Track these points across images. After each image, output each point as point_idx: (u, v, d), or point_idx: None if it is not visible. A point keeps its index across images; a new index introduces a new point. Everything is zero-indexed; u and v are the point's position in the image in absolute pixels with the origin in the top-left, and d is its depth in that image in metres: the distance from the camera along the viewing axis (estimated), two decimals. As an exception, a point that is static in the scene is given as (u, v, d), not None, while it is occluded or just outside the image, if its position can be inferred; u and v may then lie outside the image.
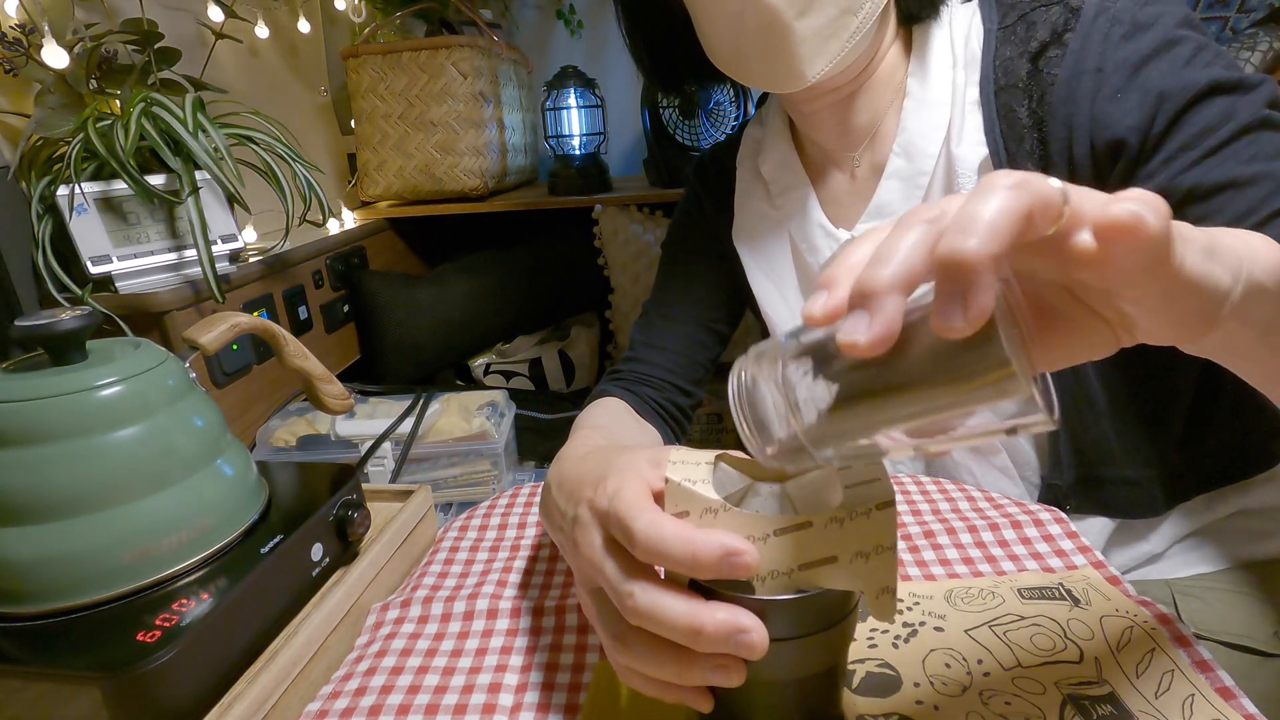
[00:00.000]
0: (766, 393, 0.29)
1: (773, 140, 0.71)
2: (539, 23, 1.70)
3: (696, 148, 1.41)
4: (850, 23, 0.55)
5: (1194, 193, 0.49)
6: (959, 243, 0.22)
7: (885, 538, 0.31)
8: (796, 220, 0.69)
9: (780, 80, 0.57)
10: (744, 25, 0.55)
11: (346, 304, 1.26)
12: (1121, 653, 0.41)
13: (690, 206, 0.80)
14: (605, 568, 0.34)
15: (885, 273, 0.24)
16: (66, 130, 0.82)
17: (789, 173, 0.70)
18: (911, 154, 0.61)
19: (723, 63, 0.61)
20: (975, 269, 0.22)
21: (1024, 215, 0.23)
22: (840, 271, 0.26)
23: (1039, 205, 0.23)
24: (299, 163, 0.96)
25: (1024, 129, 0.56)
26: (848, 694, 0.40)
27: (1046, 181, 0.24)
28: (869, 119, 0.64)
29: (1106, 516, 0.62)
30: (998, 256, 0.22)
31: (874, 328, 0.23)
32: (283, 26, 1.35)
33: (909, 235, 0.24)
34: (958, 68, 0.59)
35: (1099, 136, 0.52)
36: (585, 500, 0.37)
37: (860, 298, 0.24)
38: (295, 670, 0.44)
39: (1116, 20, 0.52)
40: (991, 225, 0.22)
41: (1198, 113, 0.49)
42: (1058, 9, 0.55)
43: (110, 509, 0.42)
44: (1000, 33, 0.58)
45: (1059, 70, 0.54)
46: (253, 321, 0.54)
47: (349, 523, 0.52)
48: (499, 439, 1.00)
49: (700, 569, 0.31)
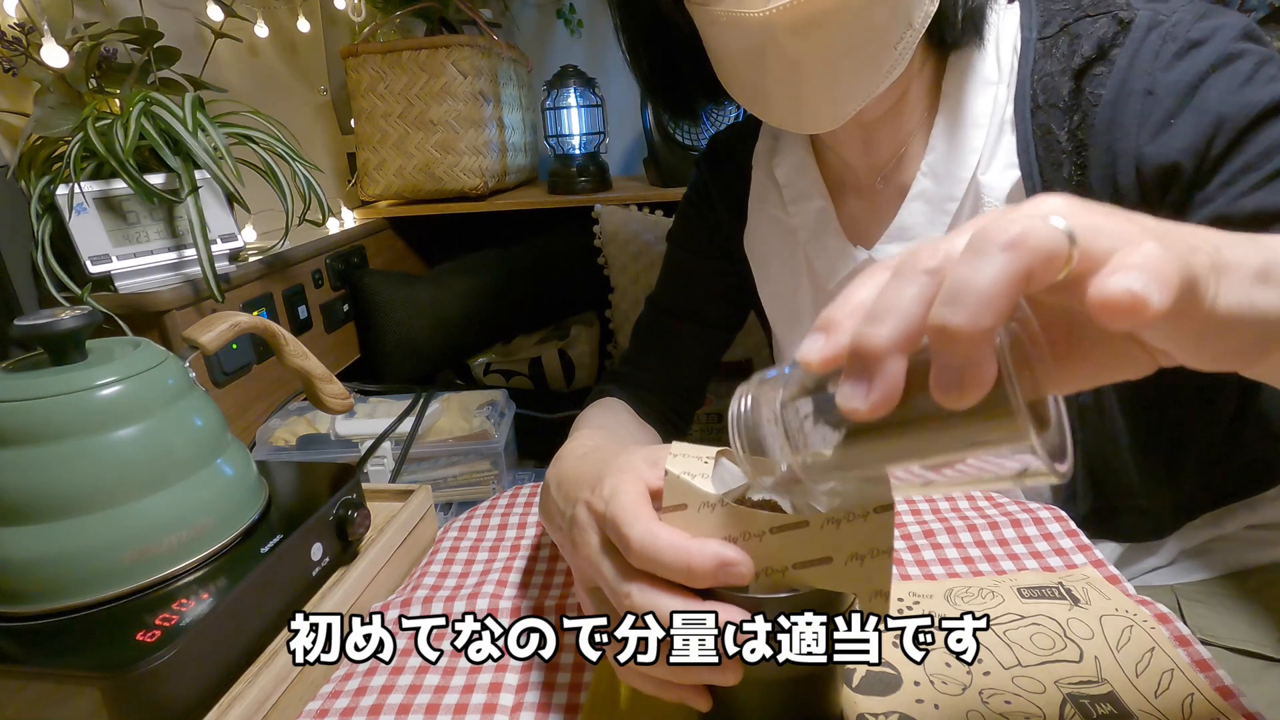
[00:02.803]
0: (765, 425, 0.29)
1: (789, 142, 0.67)
2: (539, 22, 1.70)
3: (697, 148, 1.41)
4: (887, 58, 0.49)
5: (1258, 218, 0.45)
6: (949, 316, 0.21)
7: (882, 541, 0.31)
8: (811, 233, 0.65)
9: (805, 123, 0.52)
10: (765, 64, 0.48)
11: (346, 303, 1.26)
12: (1121, 652, 0.41)
13: (698, 198, 0.76)
14: (602, 568, 0.34)
15: (883, 334, 0.22)
16: (66, 129, 0.82)
17: (805, 181, 0.65)
18: (940, 176, 0.57)
19: (740, 96, 0.56)
20: (969, 343, 0.21)
21: (1022, 278, 0.21)
22: (840, 316, 0.24)
23: (1040, 262, 0.21)
24: (299, 162, 0.96)
25: (1062, 154, 0.51)
26: (848, 692, 0.40)
27: (1049, 229, 0.21)
28: (897, 139, 0.59)
29: (1116, 542, 0.61)
30: (992, 329, 0.21)
31: (873, 395, 0.23)
32: (282, 26, 1.34)
33: (909, 288, 0.22)
34: (1001, 85, 0.54)
35: (1148, 165, 0.48)
36: (583, 501, 0.37)
37: (859, 360, 0.23)
38: (295, 670, 0.44)
39: (1170, 36, 0.48)
40: (984, 296, 0.21)
41: (1262, 133, 0.45)
42: (1105, 20, 0.50)
43: (110, 509, 0.42)
44: (1040, 44, 0.53)
45: (1103, 90, 0.49)
46: (252, 321, 0.54)
47: (349, 522, 0.52)
48: (499, 439, 1.00)
49: (695, 579, 0.31)
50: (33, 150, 0.82)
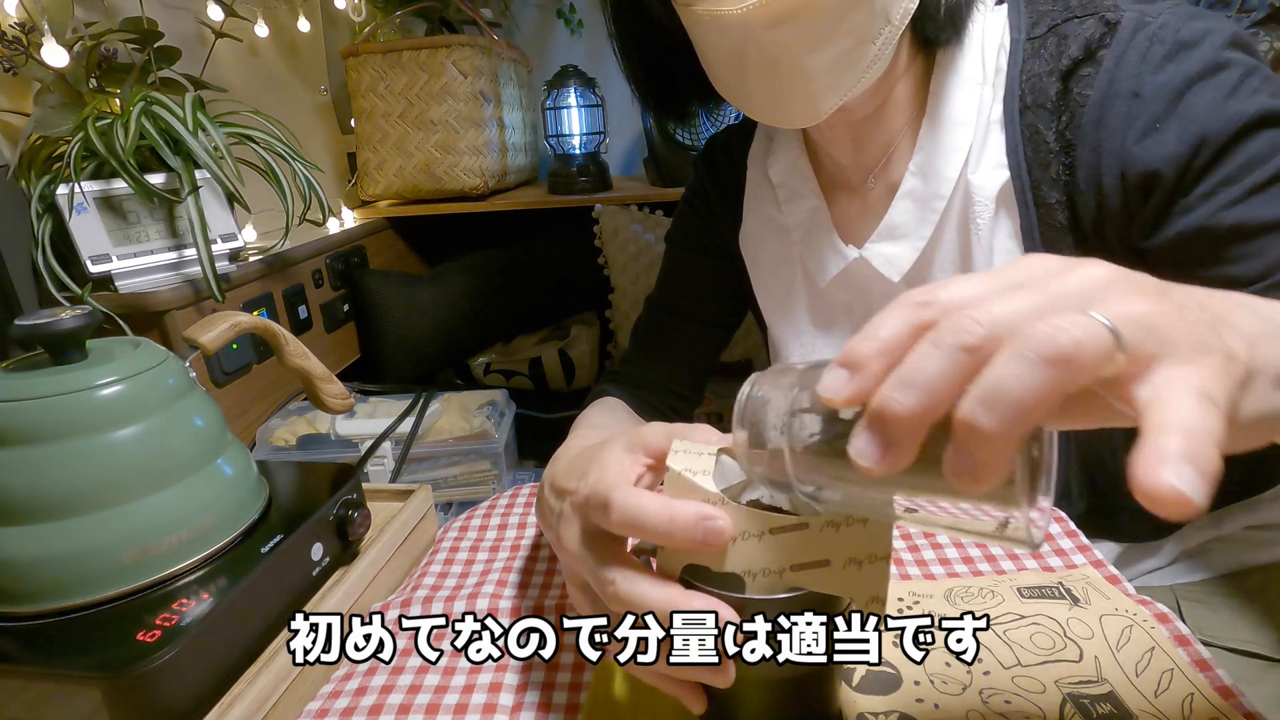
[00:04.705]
0: (770, 423, 0.29)
1: (784, 143, 0.67)
2: (539, 22, 1.70)
3: (697, 147, 1.41)
4: (866, 53, 0.49)
5: (1238, 231, 0.46)
6: (982, 420, 0.21)
7: (880, 547, 0.31)
8: (804, 232, 0.65)
9: (788, 117, 0.53)
10: (746, 61, 0.50)
11: (346, 303, 1.26)
12: (1121, 652, 0.41)
13: (695, 199, 0.76)
14: (586, 558, 0.34)
15: (909, 405, 0.22)
16: (66, 129, 0.82)
17: (798, 180, 0.66)
18: (928, 175, 0.57)
19: (726, 94, 0.56)
20: (995, 446, 0.21)
21: (1063, 392, 0.21)
22: (866, 354, 0.24)
23: (1084, 374, 0.21)
24: (299, 162, 0.96)
25: (1050, 154, 0.52)
26: (848, 692, 0.40)
27: (1098, 342, 0.21)
28: (886, 138, 0.60)
29: (1115, 542, 0.61)
30: (1023, 435, 0.21)
31: (886, 459, 0.23)
32: (282, 25, 1.35)
33: (943, 363, 0.22)
34: (985, 85, 0.55)
35: (1131, 168, 0.48)
36: (568, 494, 0.38)
37: (879, 422, 0.23)
38: (295, 670, 0.44)
39: (1157, 38, 0.47)
40: (1022, 408, 0.20)
41: (1244, 146, 0.46)
42: (1092, 21, 0.50)
43: (110, 509, 0.42)
44: (1029, 44, 0.53)
45: (1091, 91, 0.49)
46: (253, 321, 0.54)
47: (349, 522, 0.52)
48: (499, 439, 1.00)
49: (676, 532, 0.30)
50: (33, 150, 0.82)
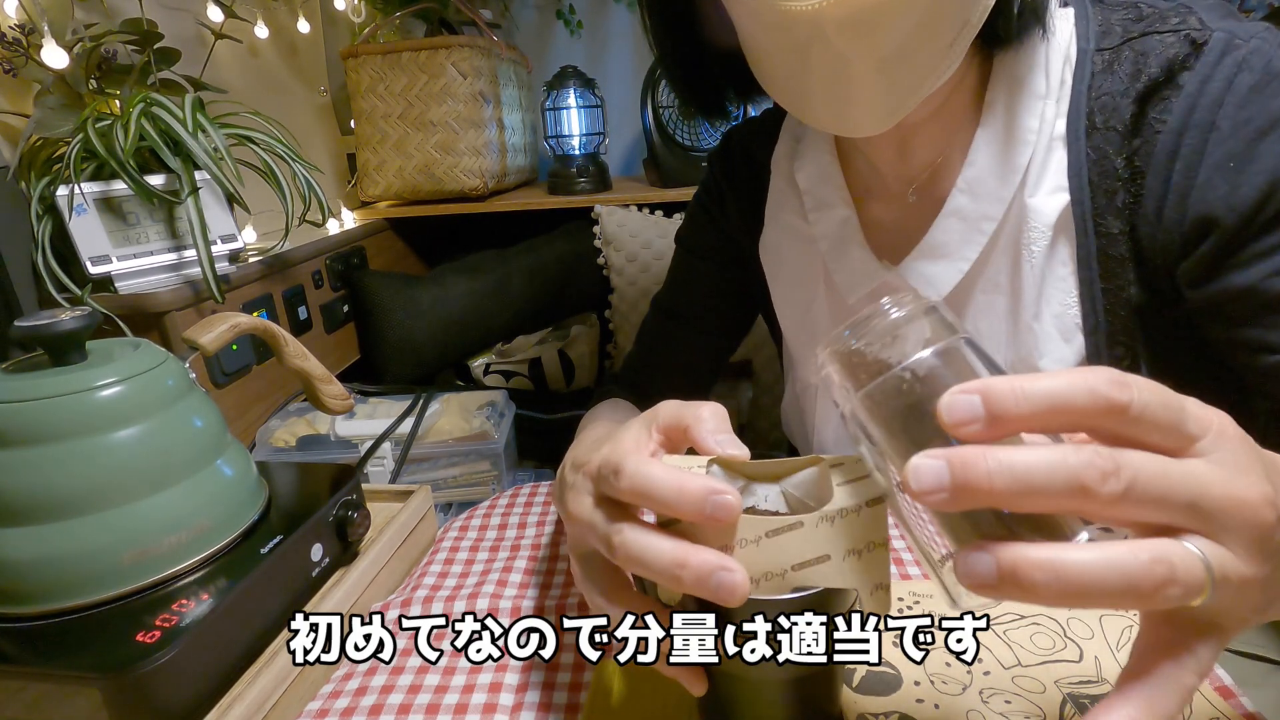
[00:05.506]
0: (838, 394, 0.30)
1: (813, 145, 0.62)
2: (539, 23, 1.70)
3: (697, 148, 1.41)
4: (941, 57, 0.44)
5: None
6: (1037, 580, 0.22)
7: (877, 534, 0.31)
8: (832, 243, 0.61)
9: (851, 126, 0.47)
10: (810, 62, 0.43)
11: (346, 304, 1.26)
12: (1121, 652, 0.41)
13: (708, 198, 0.72)
14: (595, 520, 0.34)
15: (999, 488, 0.23)
16: (66, 130, 0.82)
17: (828, 188, 0.61)
18: (978, 193, 0.52)
19: (779, 95, 0.51)
20: (1013, 594, 0.23)
21: (1121, 605, 0.23)
22: (1013, 405, 0.23)
23: (1152, 605, 0.23)
24: (299, 163, 0.96)
25: (1117, 181, 0.47)
26: (848, 692, 0.40)
27: (1187, 593, 0.22)
28: (934, 148, 0.55)
29: None
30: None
31: (940, 498, 0.23)
32: (282, 26, 1.35)
33: (1063, 478, 0.22)
34: (1049, 99, 0.50)
35: (1193, 206, 0.44)
36: (582, 468, 0.37)
37: (963, 477, 0.23)
38: (295, 670, 0.44)
39: (1246, 65, 0.43)
40: (1094, 598, 0.22)
41: None
42: (1174, 39, 0.46)
43: (110, 509, 0.42)
44: (1099, 56, 0.49)
45: (1169, 116, 0.45)
46: (252, 322, 0.54)
47: (349, 523, 0.52)
48: (499, 439, 1.00)
49: (685, 502, 0.30)
50: (33, 151, 0.82)
